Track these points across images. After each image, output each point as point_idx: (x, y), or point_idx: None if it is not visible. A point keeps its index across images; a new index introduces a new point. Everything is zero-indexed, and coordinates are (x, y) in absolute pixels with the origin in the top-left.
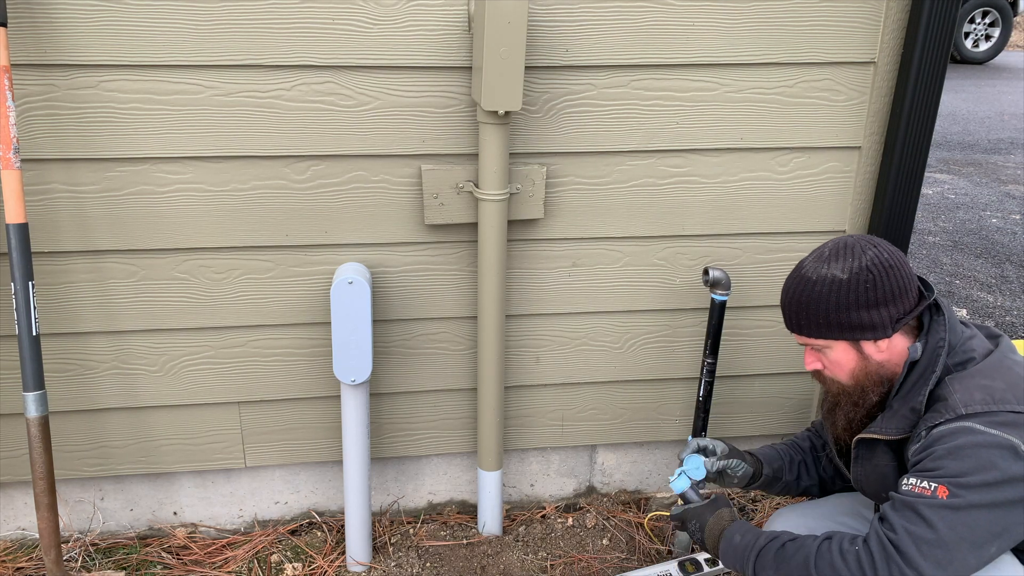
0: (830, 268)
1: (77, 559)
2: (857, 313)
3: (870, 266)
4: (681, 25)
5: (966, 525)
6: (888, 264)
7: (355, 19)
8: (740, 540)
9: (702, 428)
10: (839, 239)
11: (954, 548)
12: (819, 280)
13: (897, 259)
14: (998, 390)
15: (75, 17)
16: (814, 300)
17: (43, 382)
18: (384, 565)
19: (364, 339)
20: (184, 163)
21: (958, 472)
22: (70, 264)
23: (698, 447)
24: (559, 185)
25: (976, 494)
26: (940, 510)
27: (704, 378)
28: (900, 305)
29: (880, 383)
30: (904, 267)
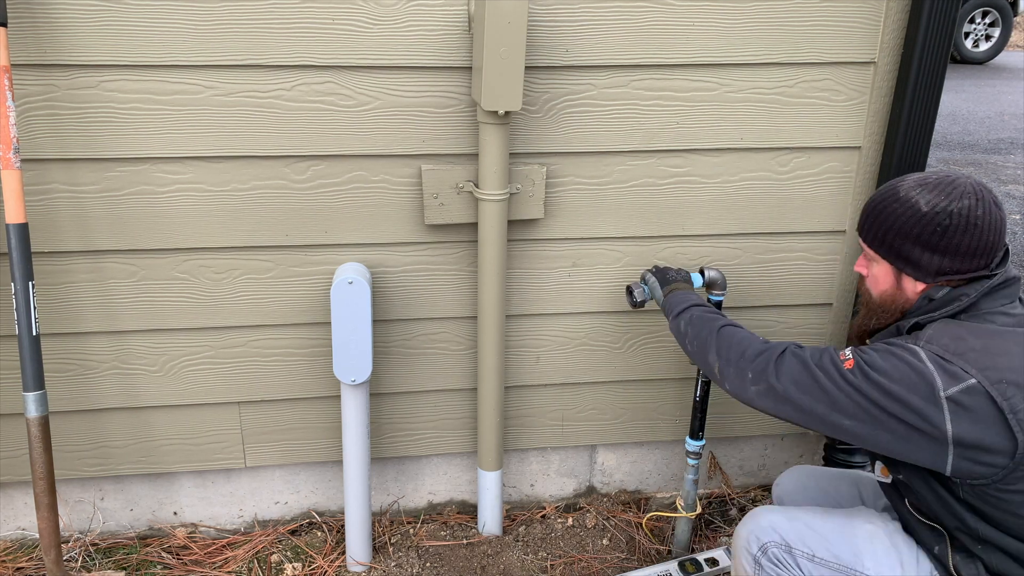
0: (921, 195)
1: (77, 559)
2: (913, 248)
3: (953, 213)
4: (681, 25)
5: (840, 391)
6: (971, 222)
7: (355, 19)
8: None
9: (699, 428)
10: (957, 175)
11: (815, 394)
12: (904, 200)
13: (987, 221)
14: (969, 348)
15: (75, 17)
16: (887, 215)
17: (43, 382)
18: (384, 565)
19: (364, 339)
20: (184, 163)
21: (875, 364)
22: (70, 264)
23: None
24: (559, 185)
25: (869, 387)
26: (834, 369)
27: (700, 378)
28: (957, 262)
29: (898, 314)
30: (988, 232)
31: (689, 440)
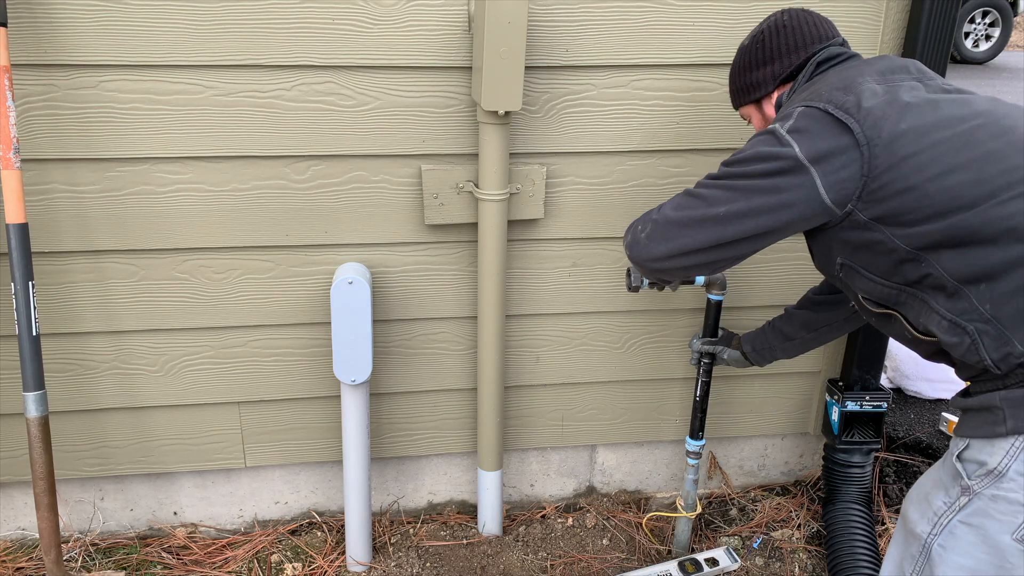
0: (744, 40)
1: (77, 559)
2: (750, 74)
3: (764, 29)
4: (681, 25)
5: (708, 188)
6: (779, 26)
7: (355, 19)
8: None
9: (699, 428)
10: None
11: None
12: (736, 53)
13: (795, 22)
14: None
15: (75, 17)
16: (730, 71)
17: (43, 382)
18: (384, 565)
19: (364, 339)
20: (184, 163)
21: (724, 162)
22: (70, 264)
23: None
24: (559, 185)
25: (728, 168)
26: (702, 179)
27: (701, 378)
28: (782, 62)
29: None
30: (799, 29)
31: (689, 440)
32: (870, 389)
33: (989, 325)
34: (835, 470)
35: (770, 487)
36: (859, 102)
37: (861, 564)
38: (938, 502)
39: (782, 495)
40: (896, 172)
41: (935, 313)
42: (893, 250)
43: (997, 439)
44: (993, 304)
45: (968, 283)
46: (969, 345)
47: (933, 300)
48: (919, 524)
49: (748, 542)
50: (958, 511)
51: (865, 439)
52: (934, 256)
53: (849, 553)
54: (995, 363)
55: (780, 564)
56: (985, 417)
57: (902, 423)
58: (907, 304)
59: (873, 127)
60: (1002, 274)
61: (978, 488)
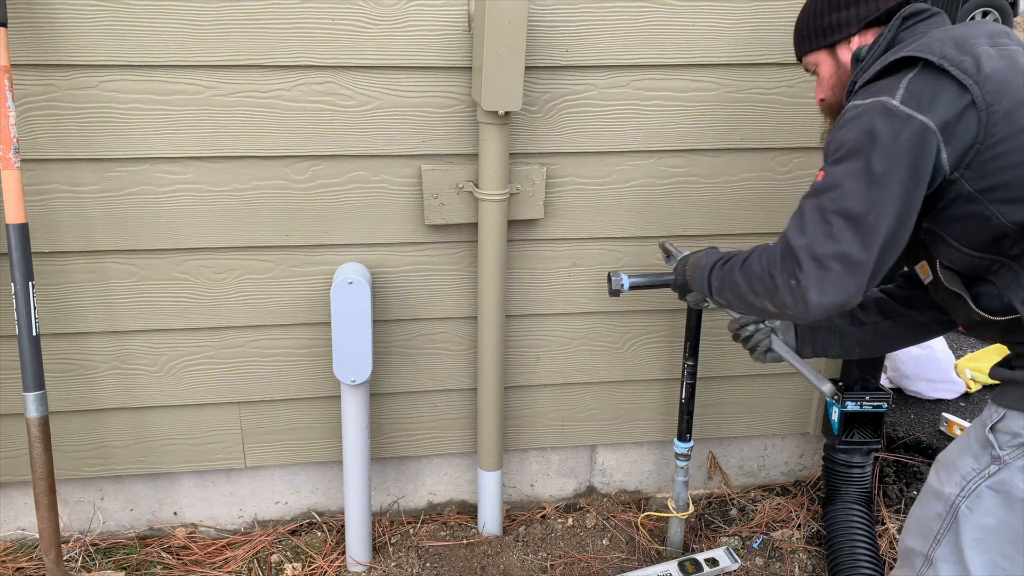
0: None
1: (77, 559)
2: (829, 16)
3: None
4: (681, 25)
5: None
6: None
7: (355, 19)
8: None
9: (687, 431)
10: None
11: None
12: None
13: None
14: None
15: (76, 17)
16: (802, 14)
17: (43, 382)
18: (384, 565)
19: (364, 339)
20: (184, 163)
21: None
22: (70, 264)
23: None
24: (559, 185)
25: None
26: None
27: (685, 380)
28: (872, 4)
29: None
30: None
31: (677, 442)
32: (870, 389)
33: None
34: (835, 470)
35: (770, 487)
36: (978, 64)
37: (861, 564)
38: (966, 467)
39: (782, 495)
40: (1013, 143)
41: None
42: (995, 225)
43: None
44: None
45: None
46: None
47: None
48: (946, 486)
49: (748, 542)
50: (987, 478)
51: (865, 439)
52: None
53: (849, 553)
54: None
55: (780, 564)
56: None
57: (902, 423)
58: (998, 273)
59: (994, 92)
60: None
61: (1009, 459)
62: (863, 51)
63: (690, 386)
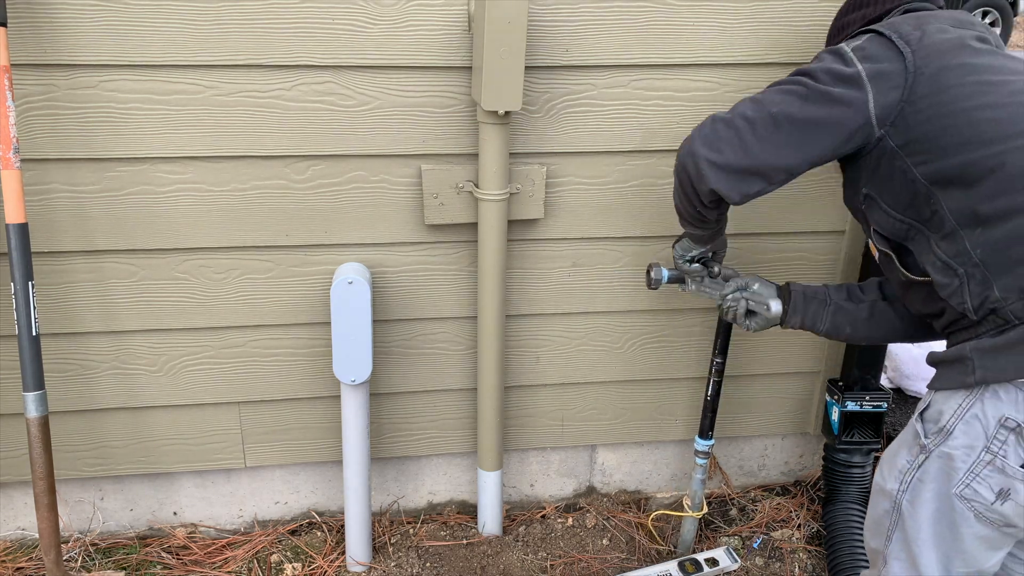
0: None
1: (77, 559)
2: (844, 16)
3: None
4: (681, 25)
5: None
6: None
7: (355, 19)
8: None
9: (709, 428)
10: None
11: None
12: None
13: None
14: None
15: (75, 17)
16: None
17: (43, 382)
18: (384, 565)
19: (364, 339)
20: (184, 163)
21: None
22: (70, 264)
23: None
24: (559, 185)
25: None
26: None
27: (712, 377)
28: (877, 5)
29: None
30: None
31: (698, 439)
32: (870, 389)
33: (977, 269)
34: (835, 470)
35: (770, 487)
36: (922, 36)
37: (861, 564)
38: (902, 461)
39: (782, 495)
40: (933, 99)
41: (932, 253)
42: (912, 181)
43: (953, 397)
44: (983, 250)
45: (965, 226)
46: (957, 287)
47: (933, 239)
48: (888, 482)
49: (748, 542)
50: (917, 469)
51: (865, 439)
52: (943, 194)
53: (849, 553)
54: (974, 308)
55: (780, 564)
56: (955, 368)
57: (902, 423)
58: (914, 240)
59: (925, 58)
60: (997, 221)
61: (932, 447)
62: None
63: (717, 383)
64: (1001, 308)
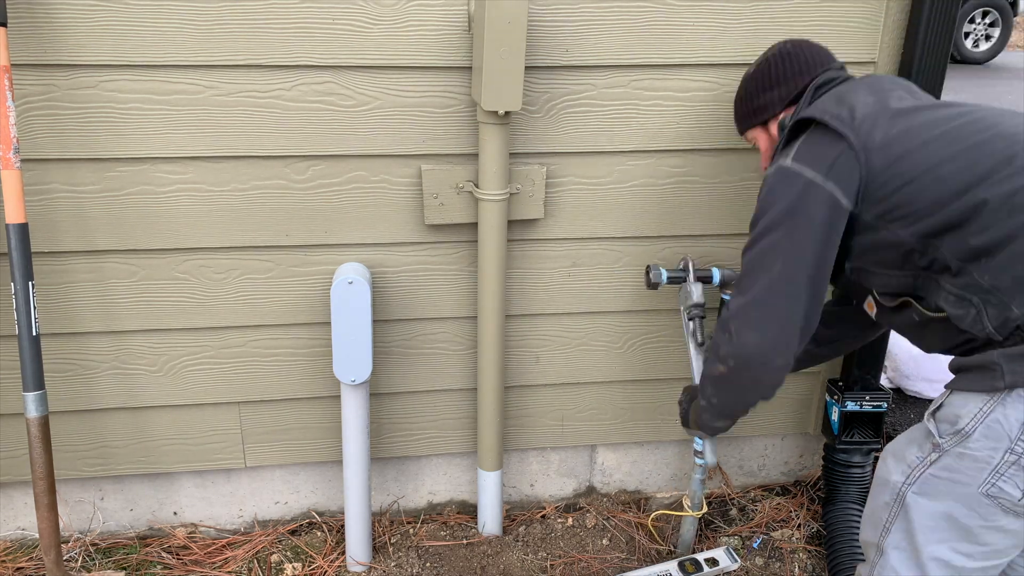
0: (748, 68)
1: (77, 559)
2: (756, 99)
3: (768, 57)
4: (681, 25)
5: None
6: (783, 54)
7: (355, 19)
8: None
9: None
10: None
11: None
12: (741, 81)
13: (798, 49)
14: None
15: (75, 17)
16: (735, 98)
17: (43, 382)
18: (384, 565)
19: (364, 339)
20: (184, 163)
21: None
22: (70, 264)
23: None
24: (559, 185)
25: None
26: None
27: None
28: (787, 86)
29: None
30: (802, 55)
31: (697, 440)
32: (870, 389)
33: (990, 295)
34: (835, 470)
35: (770, 487)
36: (852, 113)
37: (861, 564)
38: (911, 456)
39: (782, 495)
40: (893, 170)
41: (943, 290)
42: (900, 243)
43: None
44: (991, 275)
45: (969, 261)
46: (975, 316)
47: (941, 279)
48: (893, 474)
49: (748, 542)
50: (929, 465)
51: (865, 439)
52: (938, 241)
53: (849, 553)
54: (996, 330)
55: (780, 564)
56: (983, 373)
57: (902, 423)
58: (923, 287)
59: (867, 134)
60: (997, 248)
61: (947, 447)
62: (786, 120)
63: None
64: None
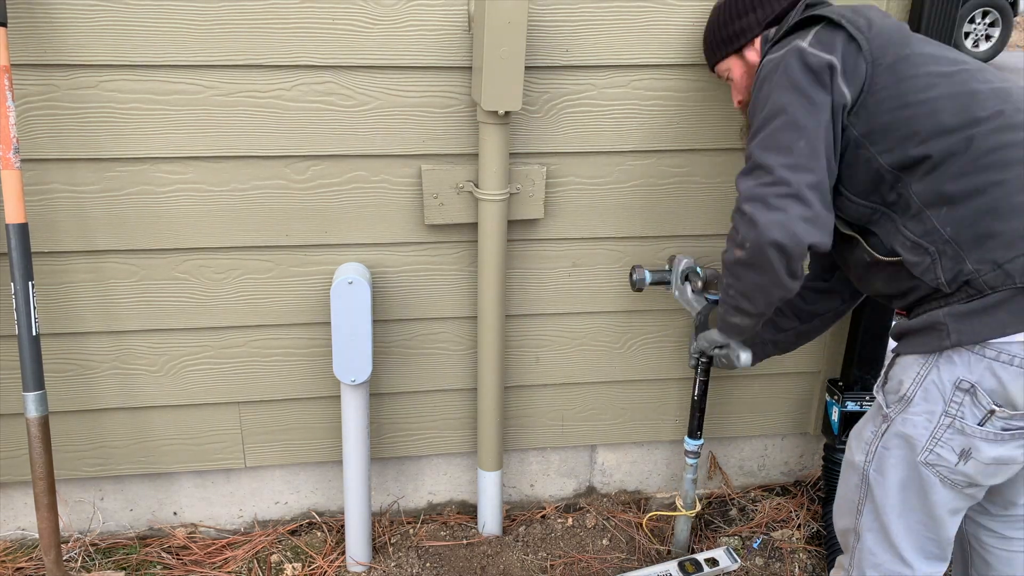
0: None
1: (77, 559)
2: (731, 25)
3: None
4: (681, 25)
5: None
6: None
7: (355, 19)
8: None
9: (698, 428)
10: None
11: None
12: (711, 10)
13: None
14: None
15: (75, 17)
16: (707, 28)
17: (43, 382)
18: (384, 565)
19: (364, 339)
20: (184, 163)
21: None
22: (70, 264)
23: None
24: (559, 185)
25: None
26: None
27: (699, 377)
28: (769, 6)
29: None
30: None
31: (688, 439)
32: (870, 389)
33: (948, 246)
34: (835, 470)
35: (770, 487)
36: (870, 23)
37: None
38: (867, 433)
39: (782, 495)
40: (893, 90)
41: (900, 234)
42: (876, 168)
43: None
44: (953, 227)
45: (931, 206)
46: (929, 264)
47: (900, 221)
48: (855, 455)
49: (748, 542)
50: (880, 437)
51: None
52: (909, 176)
53: None
54: (947, 282)
55: (780, 564)
56: (928, 334)
57: None
58: (879, 223)
59: (880, 48)
60: (964, 199)
61: (893, 415)
62: (771, 33)
63: (703, 383)
64: (975, 279)
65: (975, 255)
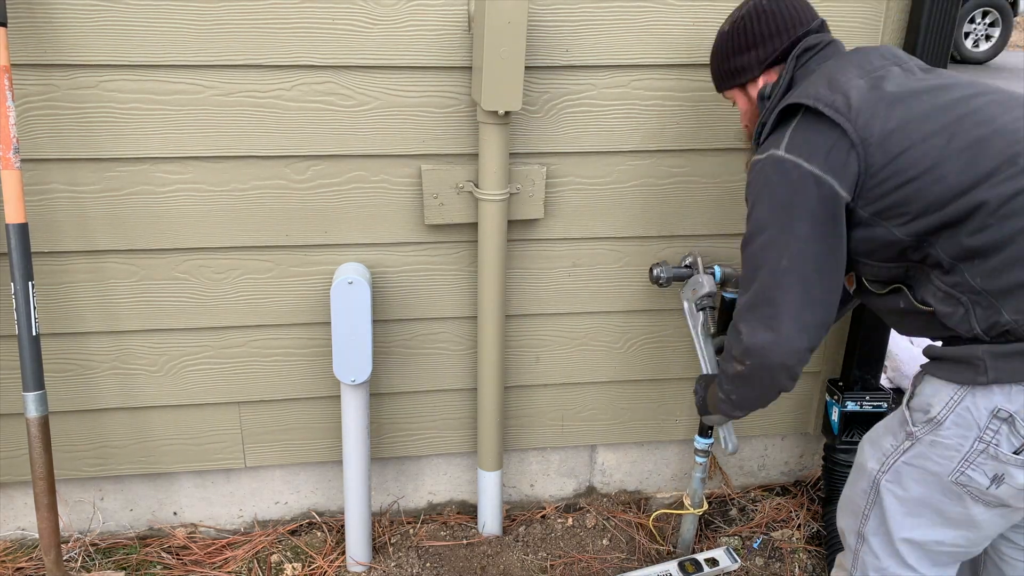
0: (723, 24)
1: (77, 559)
2: (733, 59)
3: (745, 14)
4: (681, 25)
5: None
6: (762, 9)
7: (355, 19)
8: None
9: (708, 427)
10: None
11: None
12: (715, 37)
13: (777, 5)
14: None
15: (75, 17)
16: (711, 55)
17: (43, 382)
18: (384, 565)
19: (364, 339)
20: (184, 163)
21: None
22: (70, 264)
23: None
24: (559, 185)
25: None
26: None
27: None
28: (766, 47)
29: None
30: (780, 13)
31: (698, 438)
32: (870, 389)
33: (980, 297)
34: (835, 470)
35: (770, 487)
36: (848, 101)
37: None
38: (887, 444)
39: (782, 495)
40: (892, 168)
41: (932, 285)
42: (894, 240)
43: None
44: (983, 278)
45: (961, 260)
46: (962, 315)
47: (932, 273)
48: (869, 462)
49: (748, 542)
50: (903, 453)
51: None
52: (932, 238)
53: None
54: (984, 331)
55: (780, 564)
56: (965, 367)
57: None
58: (914, 277)
59: (865, 126)
60: (992, 251)
61: (920, 435)
62: (767, 89)
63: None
64: (1014, 328)
65: (1011, 305)
